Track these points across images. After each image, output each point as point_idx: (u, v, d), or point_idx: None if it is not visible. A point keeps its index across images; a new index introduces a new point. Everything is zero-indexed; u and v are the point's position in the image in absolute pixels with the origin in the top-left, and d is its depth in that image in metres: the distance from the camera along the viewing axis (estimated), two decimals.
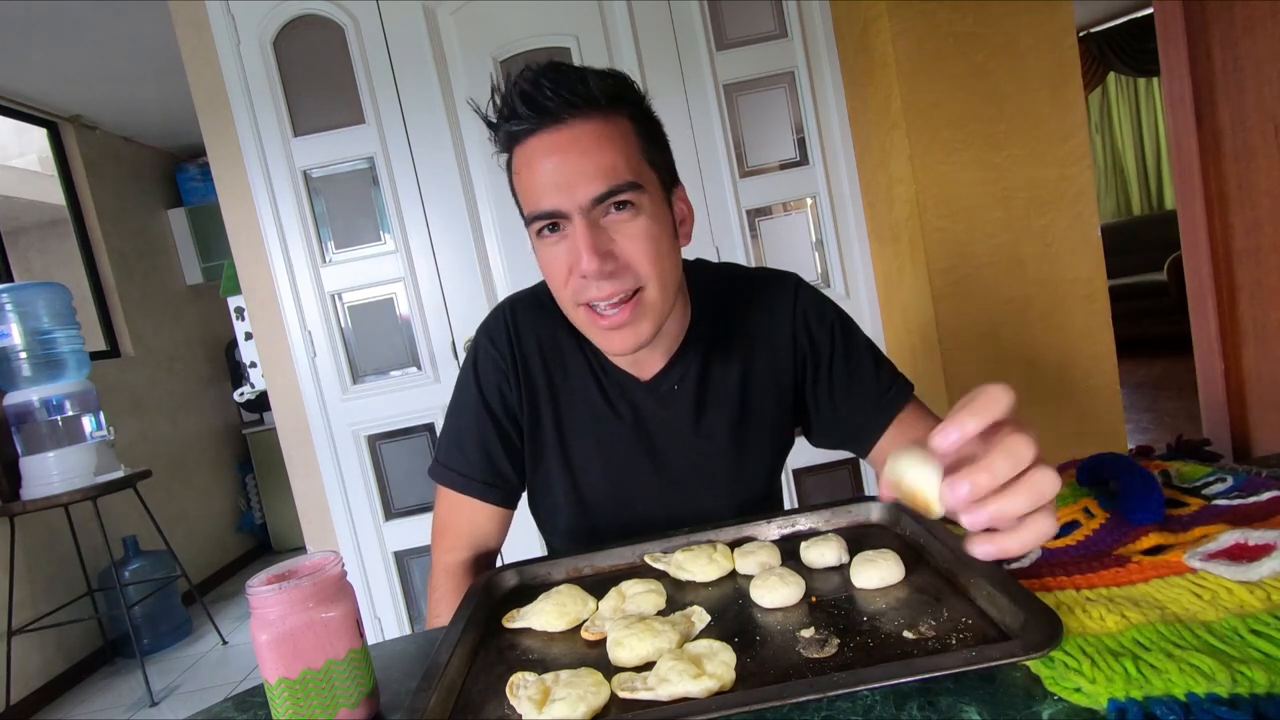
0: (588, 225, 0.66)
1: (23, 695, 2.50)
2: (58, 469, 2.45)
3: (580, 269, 0.67)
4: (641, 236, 0.68)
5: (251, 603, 0.53)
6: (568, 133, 0.65)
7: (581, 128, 0.66)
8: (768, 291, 0.84)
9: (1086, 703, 0.42)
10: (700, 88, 1.96)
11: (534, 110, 0.65)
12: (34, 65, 2.78)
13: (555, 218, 0.67)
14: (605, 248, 0.67)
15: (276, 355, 2.02)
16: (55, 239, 4.81)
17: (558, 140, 0.65)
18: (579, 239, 0.66)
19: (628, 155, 0.67)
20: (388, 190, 1.98)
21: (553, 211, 0.66)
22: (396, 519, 2.06)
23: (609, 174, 0.65)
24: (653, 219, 0.69)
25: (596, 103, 0.66)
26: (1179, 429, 1.90)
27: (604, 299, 0.68)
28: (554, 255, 0.69)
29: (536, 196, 0.67)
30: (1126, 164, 5.44)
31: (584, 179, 0.65)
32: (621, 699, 0.49)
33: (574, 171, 0.65)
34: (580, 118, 0.66)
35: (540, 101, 0.65)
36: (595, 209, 0.66)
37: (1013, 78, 1.65)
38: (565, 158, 0.65)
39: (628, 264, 0.68)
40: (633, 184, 0.66)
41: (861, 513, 0.75)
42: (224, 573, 3.76)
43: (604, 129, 0.66)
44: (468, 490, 0.82)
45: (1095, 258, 1.70)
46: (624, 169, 0.66)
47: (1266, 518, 0.60)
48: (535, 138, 0.66)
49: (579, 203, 0.66)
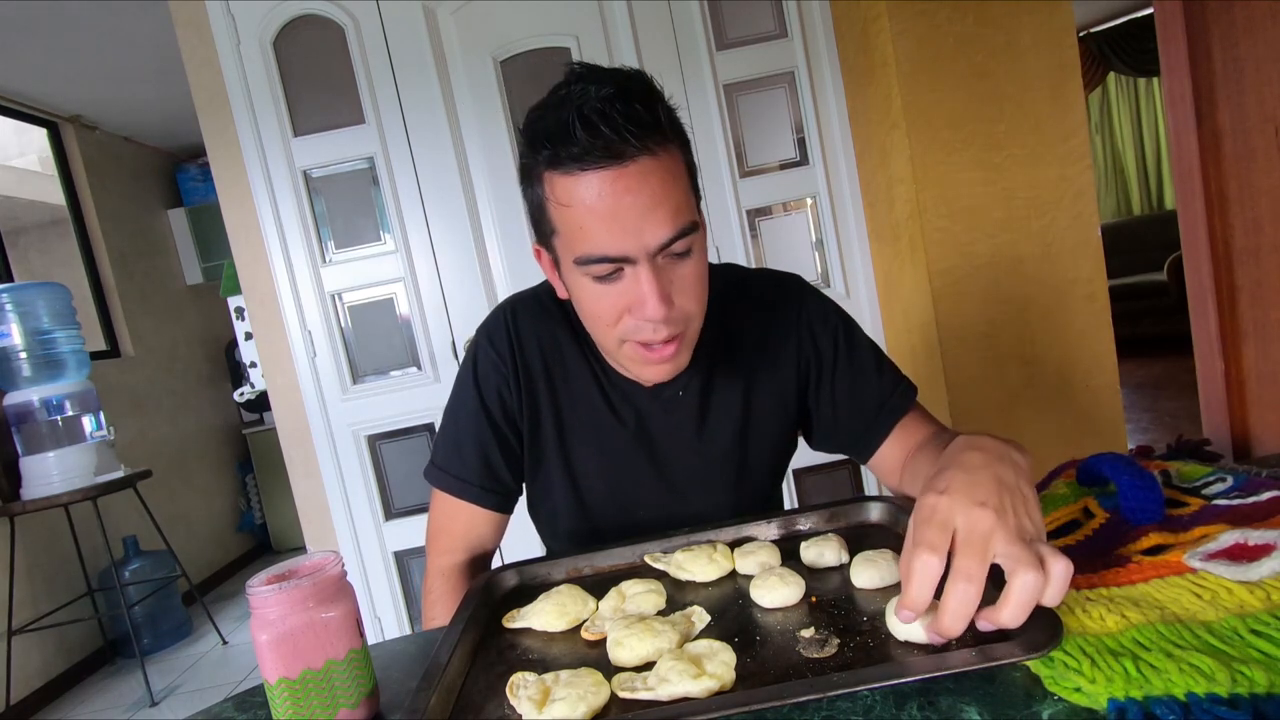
0: (654, 272, 0.62)
1: (23, 695, 2.50)
2: (58, 469, 2.45)
3: (645, 315, 0.64)
4: (695, 279, 0.66)
5: (251, 603, 0.53)
6: (634, 174, 0.59)
7: (648, 166, 0.60)
8: (771, 297, 0.83)
9: (1086, 703, 0.42)
10: (700, 88, 1.96)
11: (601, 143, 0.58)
12: (34, 65, 2.78)
13: (615, 263, 0.62)
14: (669, 293, 0.64)
15: (276, 355, 2.02)
16: (55, 239, 4.80)
17: (624, 182, 0.59)
18: (646, 286, 0.62)
19: (686, 192, 0.64)
20: (388, 190, 1.98)
21: (619, 257, 0.62)
22: (396, 519, 2.06)
23: (675, 217, 0.62)
24: (700, 255, 0.67)
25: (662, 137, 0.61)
26: (1179, 429, 1.90)
27: (660, 341, 0.66)
28: (606, 297, 0.65)
29: (595, 239, 0.61)
30: (1126, 164, 5.44)
31: (653, 224, 0.61)
32: (621, 699, 0.49)
33: (642, 216, 0.60)
34: (645, 154, 0.60)
35: (607, 135, 0.58)
36: (659, 254, 0.63)
37: (1013, 78, 1.65)
38: (634, 201, 0.60)
39: (684, 309, 0.66)
40: (694, 224, 0.64)
41: (861, 513, 0.75)
42: (224, 573, 3.76)
43: (667, 166, 0.61)
44: (464, 495, 0.81)
45: (1095, 258, 1.70)
46: (685, 209, 0.63)
47: (1266, 518, 0.60)
48: (592, 174, 0.59)
49: (647, 248, 0.61)
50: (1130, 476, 0.64)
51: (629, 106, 0.58)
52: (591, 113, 0.58)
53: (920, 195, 1.68)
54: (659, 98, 0.62)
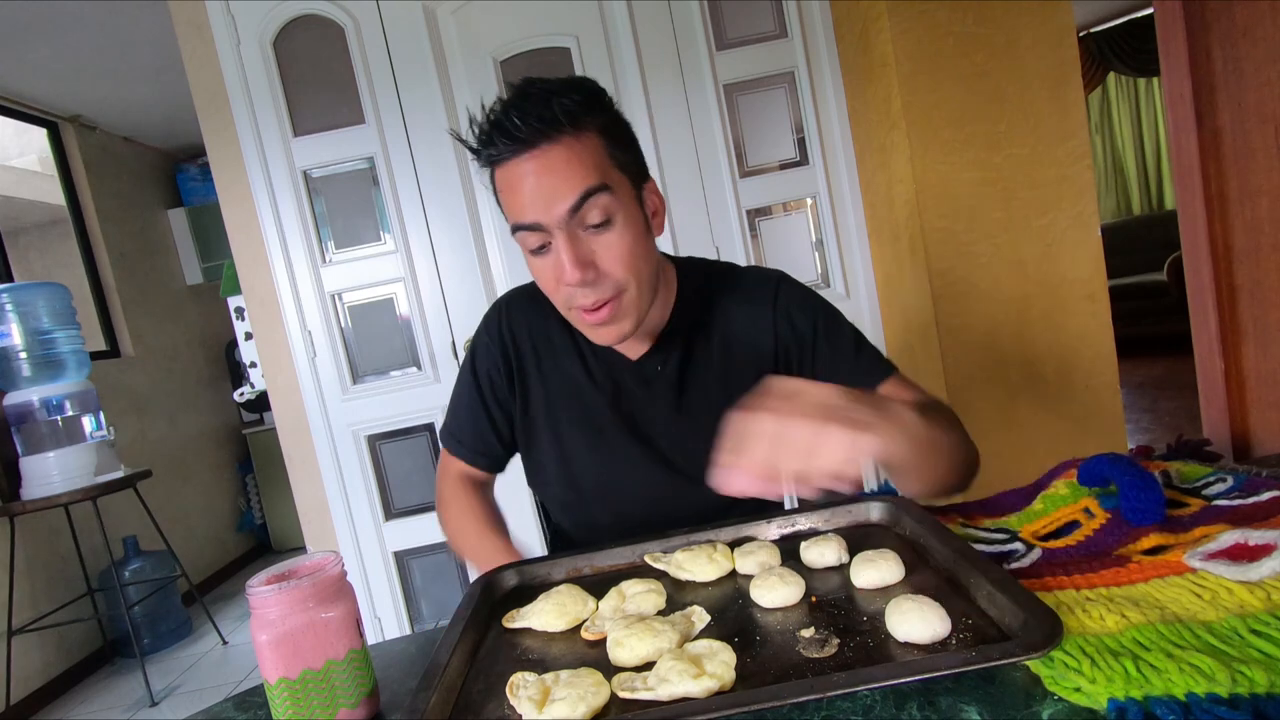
0: (568, 238, 0.72)
1: (23, 695, 2.50)
2: (58, 469, 2.45)
3: (565, 279, 0.73)
4: (617, 245, 0.74)
5: (251, 603, 0.53)
6: (540, 157, 0.71)
7: (551, 150, 0.71)
8: (751, 285, 0.89)
9: (1086, 702, 0.42)
10: (700, 88, 1.96)
11: (507, 139, 0.71)
12: (34, 65, 2.77)
13: (536, 230, 0.73)
14: (586, 259, 0.73)
15: (276, 355, 2.02)
16: (55, 239, 4.81)
17: (531, 165, 0.71)
18: (561, 252, 0.72)
19: (596, 167, 0.72)
20: (388, 190, 1.98)
21: (533, 224, 0.73)
22: (396, 519, 2.06)
23: (578, 186, 0.71)
24: (626, 224, 0.74)
25: (561, 125, 0.71)
26: (1179, 429, 1.90)
27: (589, 305, 0.75)
28: (542, 267, 0.76)
29: (518, 211, 0.73)
30: (1126, 164, 5.44)
31: (557, 195, 0.71)
32: (621, 699, 0.49)
33: (548, 191, 0.71)
34: (549, 141, 0.71)
35: (511, 131, 0.71)
36: (572, 221, 0.72)
37: (1013, 78, 1.65)
38: (539, 180, 0.71)
39: (607, 273, 0.74)
40: (602, 186, 0.72)
41: (861, 513, 0.75)
42: (224, 573, 3.76)
43: (571, 149, 0.72)
44: (460, 455, 0.96)
45: (1095, 258, 1.70)
46: (593, 175, 0.72)
47: (1266, 518, 0.60)
48: (511, 162, 0.72)
49: (556, 216, 0.71)
50: (1131, 477, 0.64)
51: (524, 104, 0.71)
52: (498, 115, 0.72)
53: (920, 195, 1.68)
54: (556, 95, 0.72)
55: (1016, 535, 0.67)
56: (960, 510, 0.77)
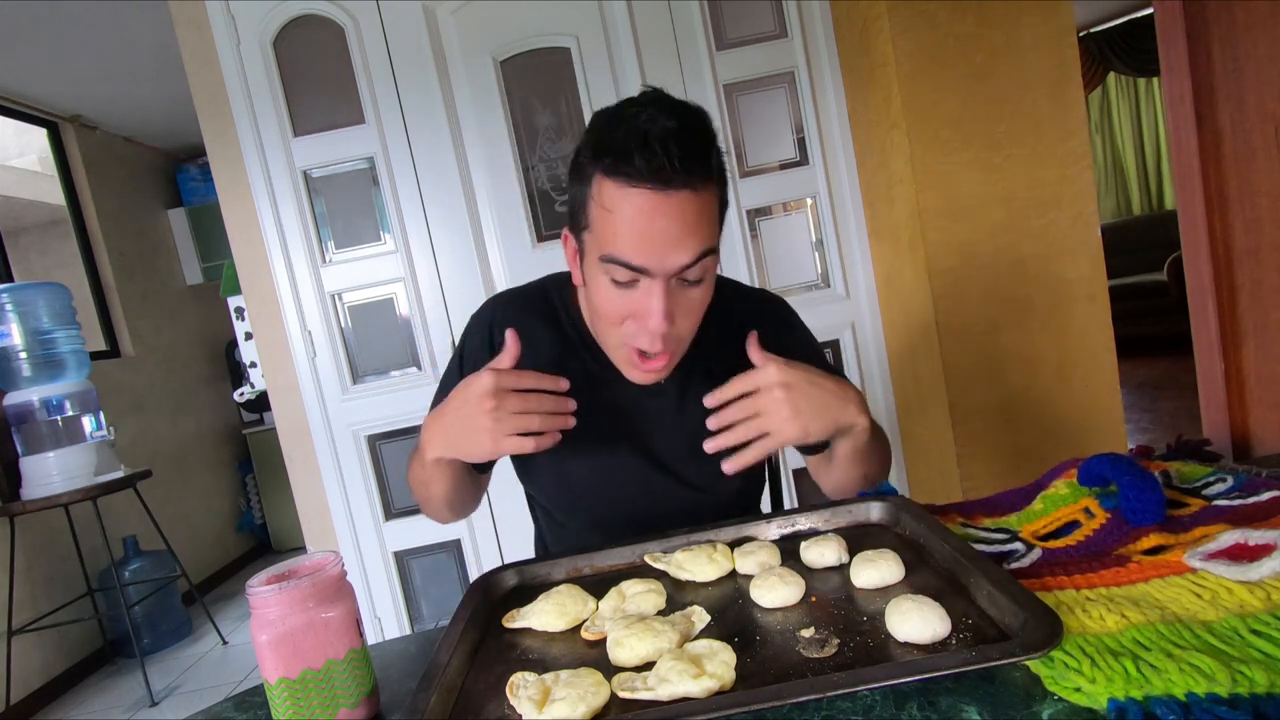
0: (665, 289, 0.70)
1: (23, 695, 2.50)
2: (58, 469, 2.45)
3: (648, 326, 0.71)
4: (699, 306, 0.74)
5: (251, 603, 0.53)
6: (676, 202, 0.67)
7: (688, 198, 0.67)
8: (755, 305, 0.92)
9: (1086, 702, 0.42)
10: (700, 88, 1.96)
11: (654, 169, 0.65)
12: (34, 65, 2.77)
13: (637, 273, 0.69)
14: (672, 311, 0.71)
15: (276, 355, 2.02)
16: (55, 239, 4.81)
17: (665, 206, 0.66)
18: (655, 301, 0.70)
19: (712, 226, 0.71)
20: (388, 190, 1.98)
21: (641, 268, 0.69)
22: (396, 519, 2.06)
23: (699, 244, 0.69)
24: (709, 284, 0.74)
25: (708, 178, 0.68)
26: (1179, 429, 1.90)
27: (655, 351, 0.74)
28: (617, 298, 0.72)
29: (624, 246, 0.68)
30: (1126, 164, 5.44)
31: (675, 250, 0.68)
32: (621, 699, 0.49)
33: (671, 241, 0.67)
34: (690, 190, 0.67)
35: (662, 164, 0.65)
36: (675, 274, 0.70)
37: (1013, 78, 1.65)
38: (668, 225, 0.67)
39: (681, 330, 0.74)
40: (711, 250, 0.71)
41: (861, 513, 0.75)
42: (224, 573, 3.76)
43: (705, 202, 0.69)
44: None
45: (1095, 258, 1.70)
46: (707, 240, 0.70)
47: (1266, 518, 0.60)
48: (640, 190, 0.67)
49: (666, 269, 0.69)
50: (1131, 477, 0.64)
51: (687, 144, 0.66)
52: (655, 140, 0.65)
53: (920, 195, 1.68)
54: (713, 140, 0.70)
55: (1016, 535, 0.67)
56: (960, 510, 0.77)
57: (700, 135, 0.68)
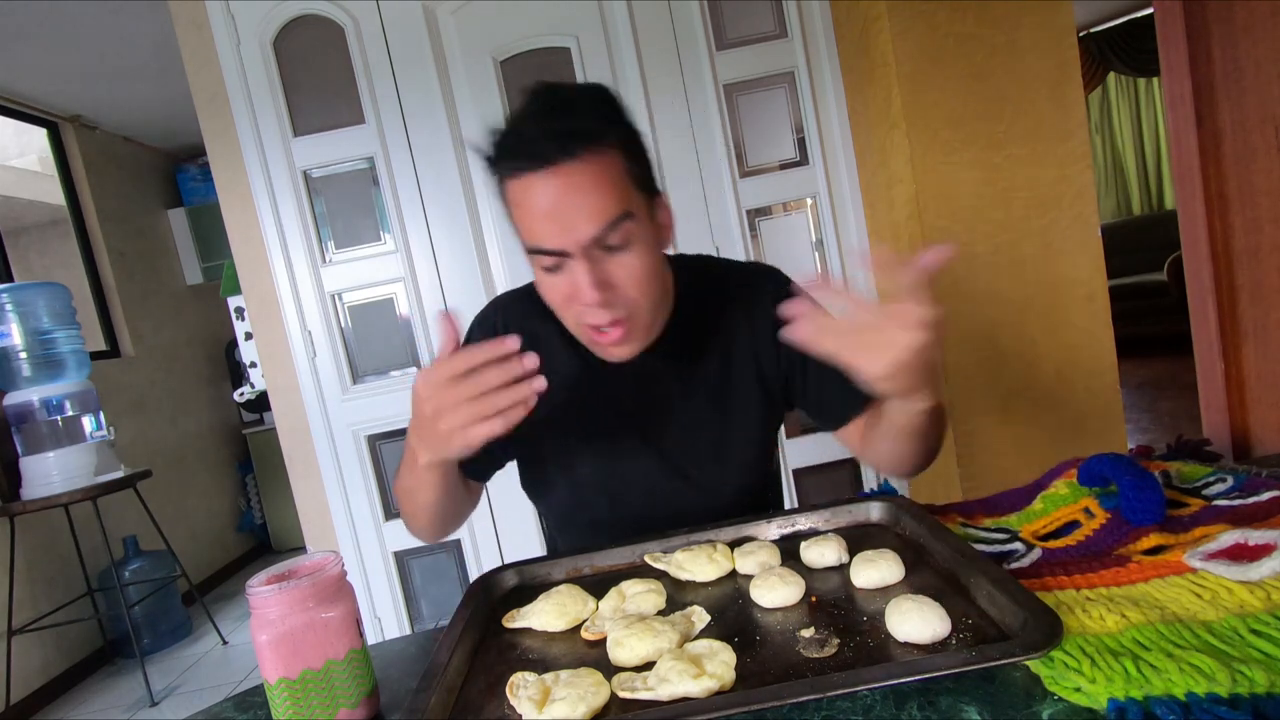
0: (587, 262, 0.70)
1: (23, 695, 2.50)
2: (58, 469, 2.45)
3: (582, 300, 0.71)
4: (635, 267, 0.72)
5: (251, 603, 0.53)
6: (562, 176, 0.67)
7: (573, 170, 0.67)
8: (752, 284, 0.90)
9: (1086, 702, 0.42)
10: (700, 88, 1.96)
11: (527, 153, 0.68)
12: (34, 65, 2.77)
13: (555, 255, 0.70)
14: (604, 280, 0.71)
15: (276, 355, 2.02)
16: (55, 239, 4.81)
17: (552, 183, 0.67)
18: (580, 275, 0.70)
19: (618, 188, 0.70)
20: (388, 190, 1.98)
21: (554, 250, 0.70)
22: (396, 519, 2.06)
23: (602, 213, 0.68)
24: (643, 245, 0.73)
25: (586, 142, 0.68)
26: (1179, 429, 1.90)
27: (604, 324, 0.73)
28: (554, 284, 0.73)
29: (536, 234, 0.70)
30: (1126, 164, 5.44)
31: (580, 221, 0.68)
32: (621, 699, 0.49)
33: (570, 214, 0.68)
34: (571, 159, 0.67)
35: (533, 146, 0.67)
36: (593, 247, 0.69)
37: (1013, 78, 1.65)
38: (560, 200, 0.67)
39: (623, 294, 0.73)
40: (625, 214, 0.70)
41: (861, 513, 0.75)
42: (224, 573, 3.76)
43: (595, 168, 0.68)
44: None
45: (1095, 258, 1.70)
46: (615, 204, 0.69)
47: (1266, 518, 0.60)
48: (528, 177, 0.68)
49: (577, 242, 0.69)
50: (1131, 477, 0.64)
51: (553, 119, 0.68)
52: (523, 126, 0.69)
53: (920, 195, 1.68)
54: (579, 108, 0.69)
55: (1016, 535, 0.67)
56: (960, 510, 0.77)
57: (570, 106, 0.69)
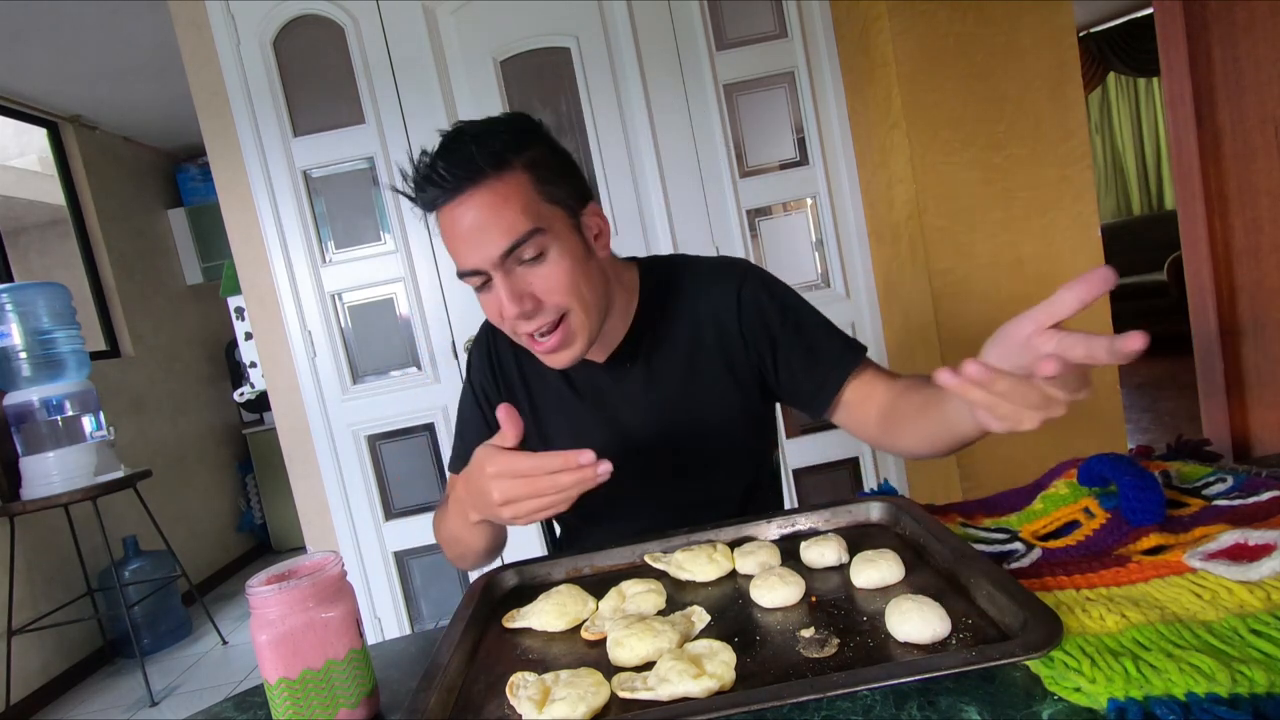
0: (504, 277, 0.75)
1: (23, 695, 2.50)
2: (58, 469, 2.45)
3: (505, 314, 0.76)
4: (553, 275, 0.76)
5: (251, 603, 0.53)
6: (467, 202, 0.73)
7: (476, 195, 0.73)
8: (714, 273, 0.92)
9: (1086, 702, 0.42)
10: (700, 88, 1.96)
11: (435, 186, 0.74)
12: (34, 65, 2.77)
13: (477, 275, 0.76)
14: (522, 291, 0.75)
15: (276, 355, 2.02)
16: (55, 239, 4.81)
17: (460, 211, 0.74)
18: (500, 291, 0.75)
19: (524, 207, 0.74)
20: (388, 190, 1.98)
21: (474, 270, 0.76)
22: (396, 519, 2.06)
23: (508, 231, 0.73)
24: (561, 255, 0.76)
25: (484, 170, 0.73)
26: (1179, 429, 1.90)
27: (534, 331, 0.77)
28: (487, 302, 0.79)
29: (459, 257, 0.76)
30: (1126, 164, 5.44)
31: (488, 241, 0.73)
32: (621, 699, 0.49)
33: (478, 236, 0.74)
34: (473, 185, 0.73)
35: (437, 179, 0.74)
36: (506, 261, 0.74)
37: (1013, 78, 1.65)
38: (470, 224, 0.74)
39: (545, 302, 0.76)
40: (533, 231, 0.74)
41: (861, 513, 0.75)
42: (224, 573, 3.76)
43: (496, 193, 0.73)
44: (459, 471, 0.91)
45: (1095, 258, 1.70)
46: (522, 222, 0.74)
47: (1266, 518, 0.60)
48: (444, 208, 0.75)
49: (490, 259, 0.74)
50: (1131, 477, 0.64)
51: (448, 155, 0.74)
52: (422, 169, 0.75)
53: (920, 195, 1.68)
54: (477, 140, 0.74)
55: (1016, 535, 0.67)
56: (960, 510, 0.77)
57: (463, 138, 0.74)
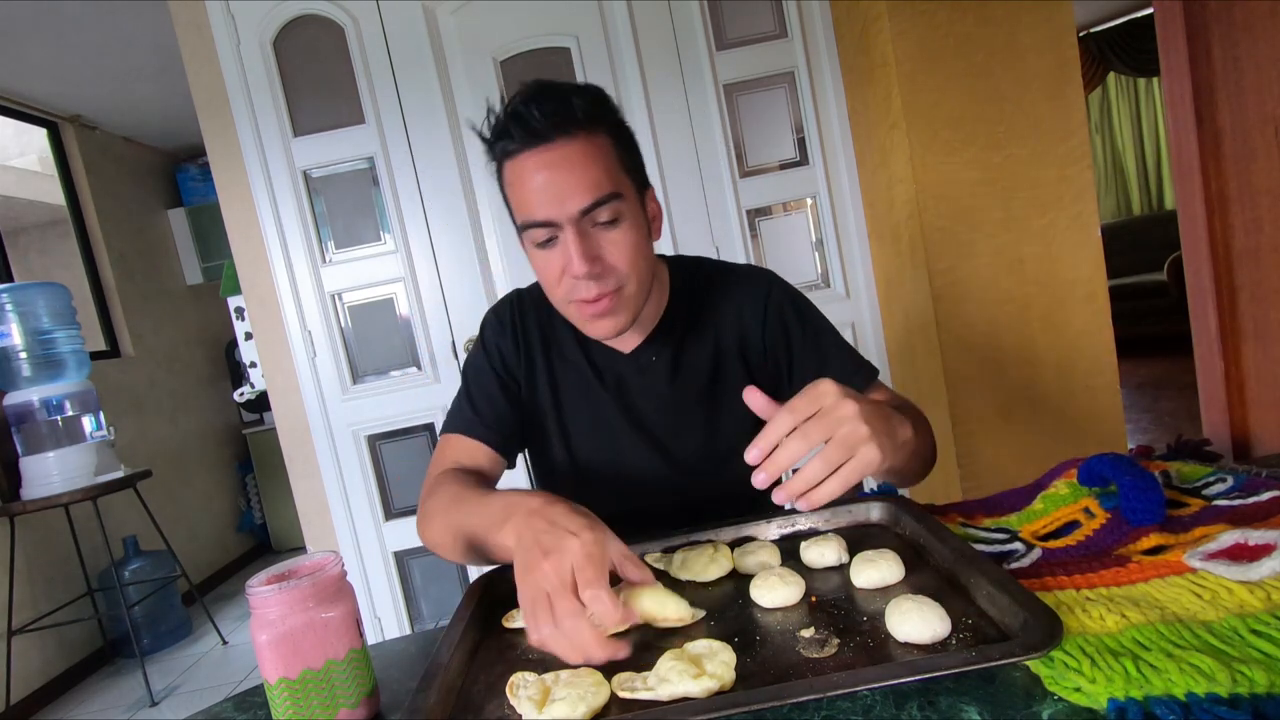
0: (578, 234, 0.74)
1: (23, 695, 2.50)
2: (58, 469, 2.45)
3: (572, 271, 0.75)
4: (623, 243, 0.76)
5: (251, 603, 0.53)
6: (557, 151, 0.73)
7: (568, 147, 0.73)
8: (744, 282, 0.94)
9: (1086, 702, 0.42)
10: (700, 88, 1.96)
11: (525, 131, 0.73)
12: (34, 65, 2.77)
13: (548, 227, 0.74)
14: (594, 253, 0.75)
15: (276, 355, 2.02)
16: (55, 239, 4.81)
17: (547, 158, 0.73)
18: (571, 246, 0.74)
19: (608, 169, 0.75)
20: (388, 190, 1.98)
21: (546, 221, 0.74)
22: (396, 519, 2.06)
23: (594, 188, 0.73)
24: (632, 225, 0.77)
25: (580, 123, 0.73)
26: (1179, 429, 1.90)
27: (591, 297, 0.77)
28: (547, 260, 0.77)
29: (529, 208, 0.74)
30: (1126, 164, 5.44)
31: (572, 193, 0.73)
32: (621, 699, 0.49)
33: (563, 187, 0.73)
34: (566, 137, 0.73)
35: (530, 124, 0.72)
36: (583, 219, 0.74)
37: (1013, 78, 1.65)
38: (554, 174, 0.73)
39: (612, 267, 0.76)
40: (614, 194, 0.74)
41: (861, 513, 0.75)
42: (224, 573, 3.76)
43: (587, 147, 0.74)
44: (473, 433, 0.89)
45: (1095, 258, 1.70)
46: (606, 182, 0.74)
47: (1266, 518, 0.60)
48: (525, 155, 0.74)
49: (569, 214, 0.73)
50: (1131, 477, 0.64)
51: (547, 101, 0.73)
52: (517, 108, 0.74)
53: (920, 195, 1.68)
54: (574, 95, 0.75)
55: (1016, 535, 0.67)
56: (960, 510, 0.77)
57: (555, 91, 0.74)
